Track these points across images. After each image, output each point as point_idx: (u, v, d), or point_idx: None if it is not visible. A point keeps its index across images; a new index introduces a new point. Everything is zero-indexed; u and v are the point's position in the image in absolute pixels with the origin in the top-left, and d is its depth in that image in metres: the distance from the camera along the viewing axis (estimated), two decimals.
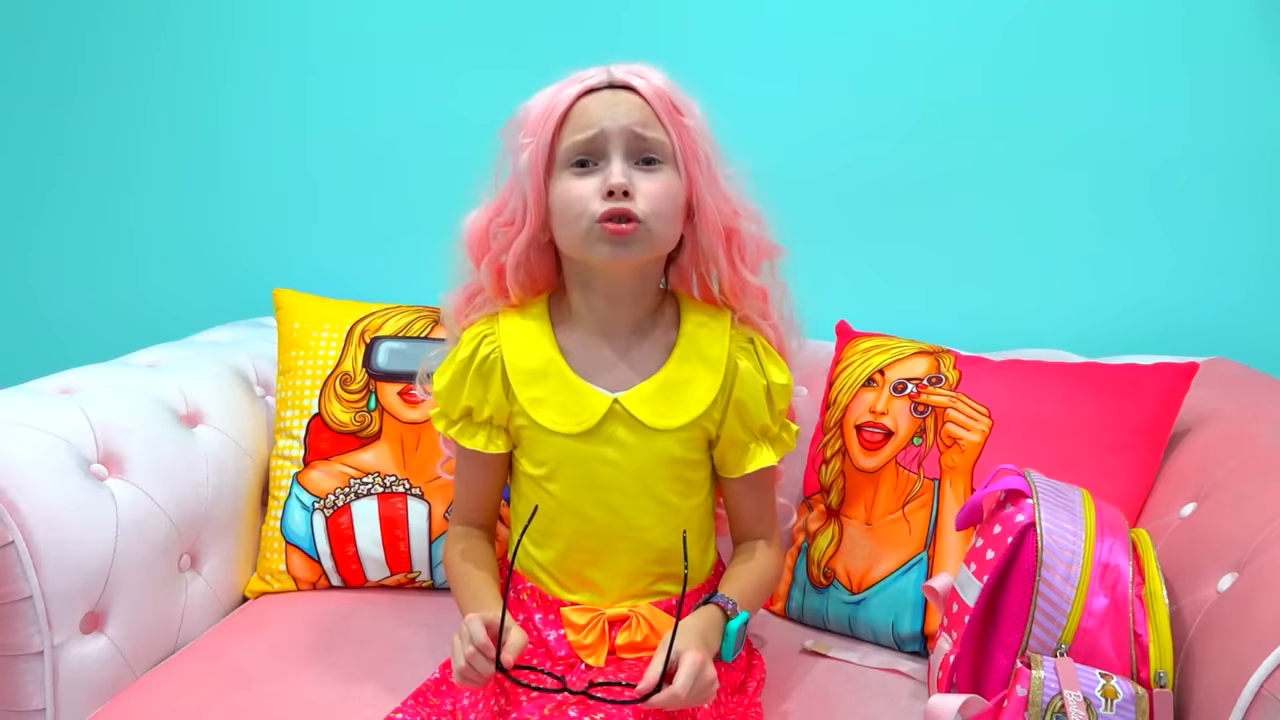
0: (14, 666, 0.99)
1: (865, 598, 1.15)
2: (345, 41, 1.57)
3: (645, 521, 1.02)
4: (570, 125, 0.96)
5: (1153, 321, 1.42)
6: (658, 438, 1.00)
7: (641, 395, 1.00)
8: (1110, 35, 1.36)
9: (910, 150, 1.44)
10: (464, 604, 1.02)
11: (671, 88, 0.98)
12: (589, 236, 0.95)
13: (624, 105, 0.96)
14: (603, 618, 1.01)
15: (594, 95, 0.97)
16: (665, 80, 0.98)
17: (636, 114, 0.96)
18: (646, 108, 0.96)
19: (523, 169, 0.97)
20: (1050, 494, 0.93)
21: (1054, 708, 0.81)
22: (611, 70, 0.98)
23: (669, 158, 0.97)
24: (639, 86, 0.96)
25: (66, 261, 1.75)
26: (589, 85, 0.97)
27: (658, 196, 0.95)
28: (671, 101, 0.97)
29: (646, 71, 0.98)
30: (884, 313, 1.40)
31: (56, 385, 1.16)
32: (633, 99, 0.96)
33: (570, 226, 0.96)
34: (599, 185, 0.94)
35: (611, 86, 0.97)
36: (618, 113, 0.95)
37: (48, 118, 1.70)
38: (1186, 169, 1.38)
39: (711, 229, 0.99)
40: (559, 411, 1.00)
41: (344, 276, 1.58)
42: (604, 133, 0.95)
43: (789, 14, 1.44)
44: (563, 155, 0.96)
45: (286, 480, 1.29)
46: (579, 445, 1.00)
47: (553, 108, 0.96)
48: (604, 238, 0.94)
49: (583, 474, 1.01)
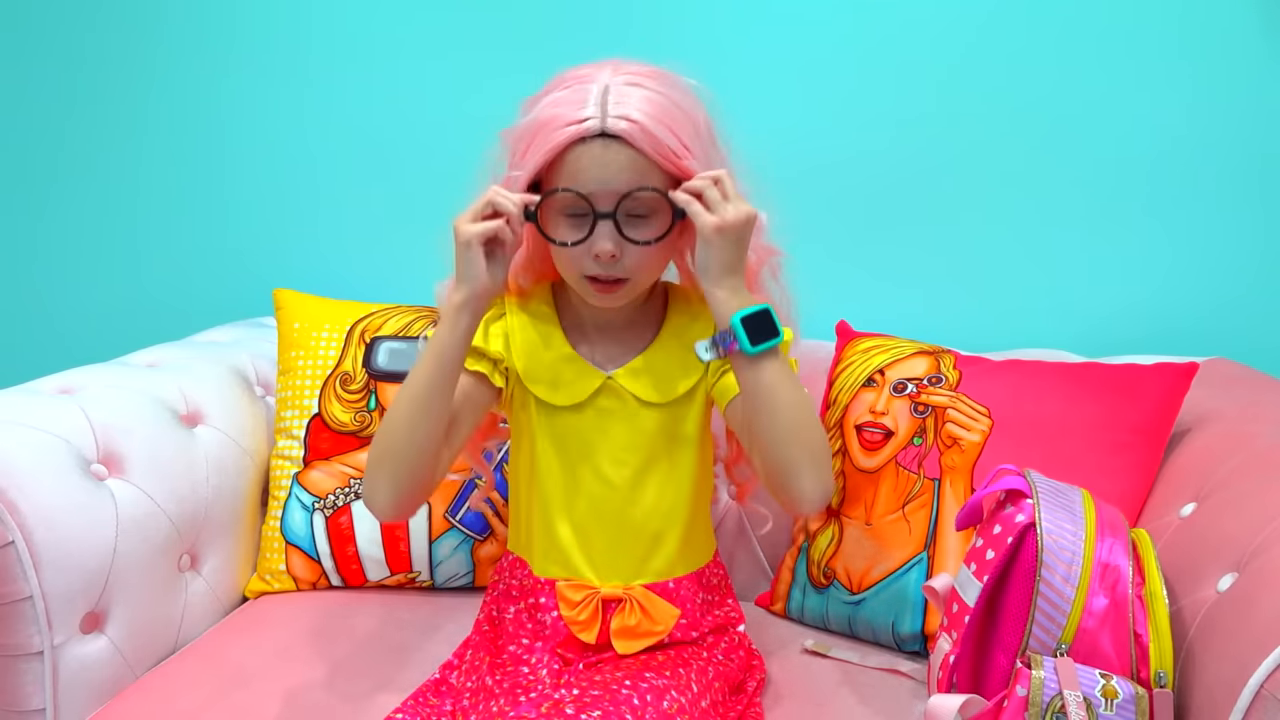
0: (14, 666, 0.99)
1: (865, 598, 1.15)
2: (347, 40, 1.57)
3: (637, 497, 1.03)
4: (560, 175, 0.93)
5: (1153, 321, 1.42)
6: (650, 412, 1.02)
7: (633, 370, 1.02)
8: (1109, 35, 1.36)
9: (911, 151, 1.44)
10: (423, 360, 0.97)
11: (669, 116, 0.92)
12: (579, 285, 0.98)
13: (614, 165, 0.91)
14: (597, 596, 1.01)
15: (585, 147, 0.91)
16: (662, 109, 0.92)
17: (627, 174, 0.92)
18: (638, 160, 0.92)
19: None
20: (1050, 494, 0.93)
21: (1054, 708, 0.81)
22: (606, 104, 0.91)
23: (661, 207, 0.94)
24: (631, 136, 0.91)
25: (67, 261, 1.75)
26: (581, 133, 0.91)
27: (645, 252, 0.95)
28: (665, 144, 0.91)
29: (642, 100, 0.92)
30: (884, 313, 1.40)
31: (56, 385, 1.16)
32: (625, 154, 0.91)
33: (562, 268, 1.00)
34: (587, 246, 0.94)
35: (604, 135, 0.91)
36: (608, 174, 0.91)
37: (48, 117, 1.70)
38: (1186, 168, 1.38)
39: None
40: (553, 386, 1.02)
41: (344, 276, 1.58)
42: (593, 195, 0.92)
43: (794, 14, 1.44)
44: (554, 202, 0.94)
45: (286, 480, 1.29)
46: (572, 419, 1.02)
47: (543, 149, 0.92)
48: (592, 291, 0.98)
49: (576, 448, 1.02)
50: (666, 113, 0.92)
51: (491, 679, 0.98)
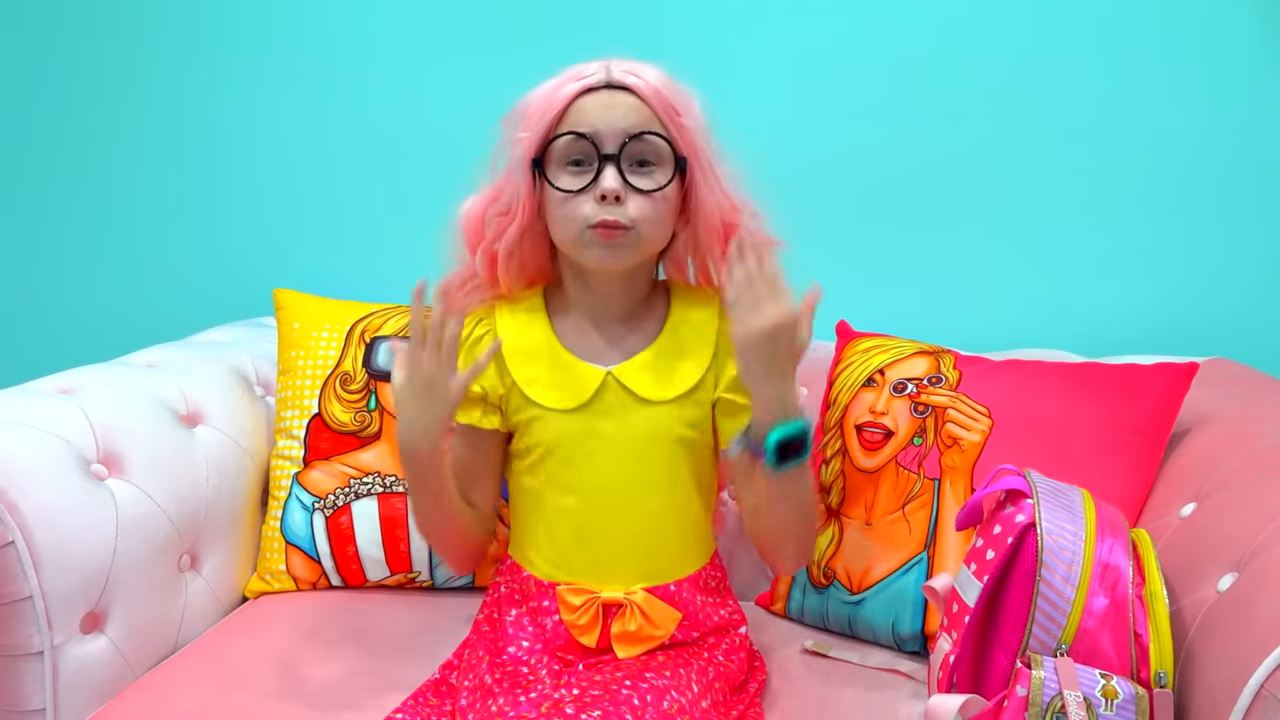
0: (14, 666, 0.99)
1: (865, 598, 1.15)
2: (347, 41, 1.57)
3: (641, 500, 1.03)
4: (566, 124, 0.97)
5: (1153, 321, 1.42)
6: (652, 410, 1.02)
7: (634, 367, 1.02)
8: (1111, 35, 1.36)
9: (911, 151, 1.44)
10: None
11: (670, 86, 0.98)
12: (581, 239, 0.98)
13: (620, 108, 0.96)
14: (597, 600, 1.01)
15: (591, 95, 0.97)
16: (664, 79, 0.98)
17: (632, 117, 0.96)
18: (644, 108, 0.97)
19: (517, 163, 0.99)
20: (1050, 494, 0.93)
21: (1054, 708, 0.81)
22: (610, 68, 0.98)
23: (665, 159, 0.98)
24: (637, 86, 0.97)
25: (67, 261, 1.75)
26: (587, 84, 0.97)
27: (650, 202, 0.97)
28: (670, 101, 0.97)
29: (645, 70, 0.98)
30: (884, 313, 1.40)
31: (56, 385, 1.16)
32: (630, 100, 0.97)
33: (563, 227, 0.99)
34: (592, 190, 0.96)
35: (609, 86, 0.97)
36: (613, 115, 0.96)
37: (48, 117, 1.70)
38: (1186, 169, 1.38)
39: (708, 226, 1.01)
40: (553, 388, 1.02)
41: (344, 276, 1.58)
42: (599, 135, 0.96)
43: (793, 13, 1.44)
44: (558, 153, 0.97)
45: (286, 480, 1.29)
46: (575, 421, 1.02)
47: (550, 104, 0.97)
48: (596, 241, 0.97)
49: (579, 451, 1.02)
50: (668, 82, 0.99)
51: (491, 679, 0.98)
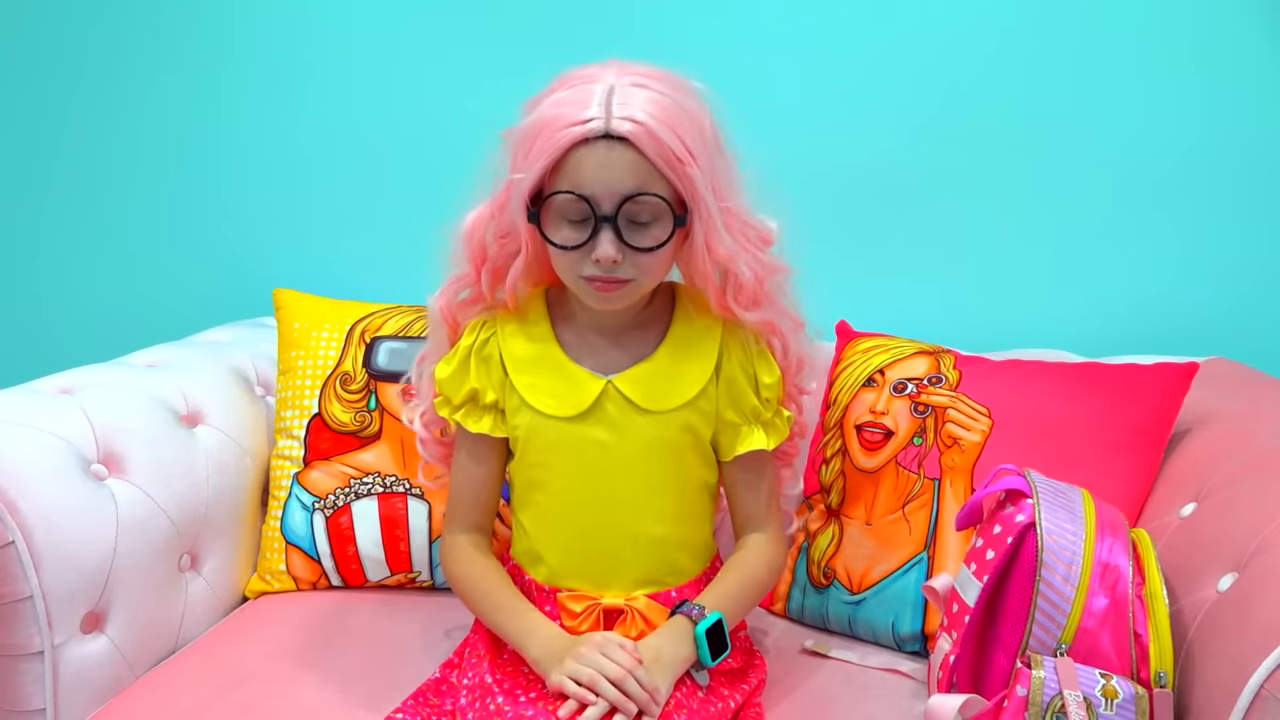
0: (14, 666, 0.99)
1: (865, 598, 1.15)
2: (346, 40, 1.57)
3: (641, 508, 1.02)
4: (563, 178, 0.92)
5: (1153, 321, 1.42)
6: (651, 420, 1.01)
7: (634, 377, 1.01)
8: (1112, 35, 1.36)
9: (911, 150, 1.44)
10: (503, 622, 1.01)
11: (673, 120, 0.90)
12: (578, 287, 0.97)
13: (618, 167, 0.90)
14: (598, 607, 1.01)
15: (588, 148, 0.90)
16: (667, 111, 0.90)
17: (629, 179, 0.90)
18: (641, 164, 0.90)
19: (515, 201, 0.95)
20: (1050, 494, 0.93)
21: (1054, 708, 0.81)
22: (610, 108, 0.89)
23: (663, 214, 0.93)
24: (635, 137, 0.89)
25: (67, 261, 1.75)
26: (584, 134, 0.89)
27: (647, 259, 0.94)
28: (670, 151, 0.90)
29: (647, 102, 0.90)
30: (884, 313, 1.39)
31: (56, 385, 1.16)
32: (627, 157, 0.90)
33: (561, 270, 0.98)
34: (589, 249, 0.93)
35: (608, 137, 0.89)
36: (610, 176, 0.90)
37: (47, 116, 1.70)
38: (1186, 169, 1.38)
39: (704, 273, 0.98)
40: (553, 396, 1.01)
41: (344, 276, 1.58)
42: (595, 197, 0.91)
43: (793, 13, 1.43)
44: (555, 207, 0.93)
45: (286, 480, 1.29)
46: (574, 429, 1.01)
47: (545, 149, 0.91)
48: (593, 292, 0.96)
49: (579, 459, 1.02)
50: (672, 115, 0.91)
51: (491, 678, 0.98)
